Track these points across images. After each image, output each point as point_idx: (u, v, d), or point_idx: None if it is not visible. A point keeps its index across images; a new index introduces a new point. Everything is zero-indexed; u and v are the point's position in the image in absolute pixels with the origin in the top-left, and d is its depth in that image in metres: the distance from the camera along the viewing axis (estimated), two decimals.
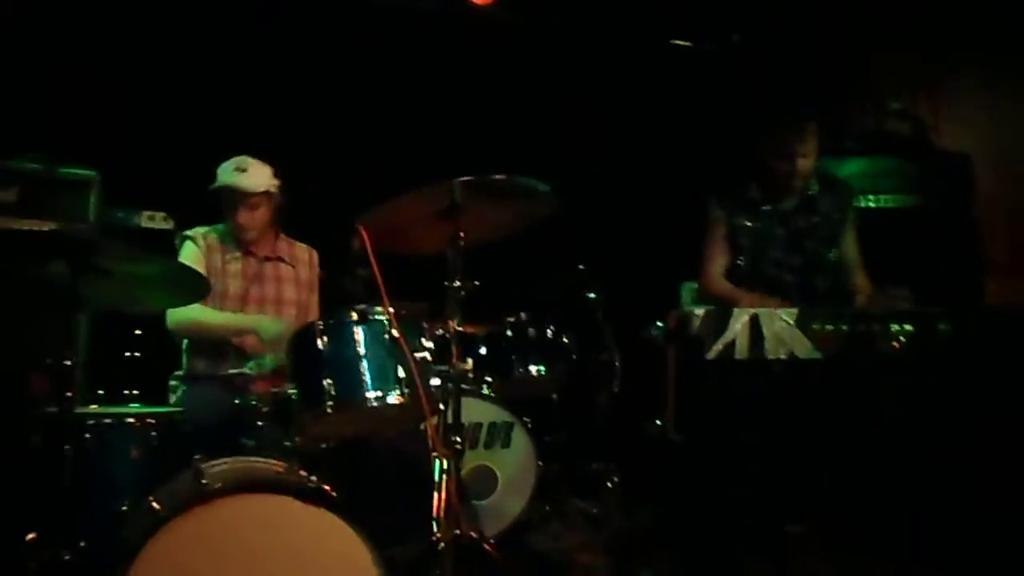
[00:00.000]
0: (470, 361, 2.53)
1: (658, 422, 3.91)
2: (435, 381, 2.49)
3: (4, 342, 2.75)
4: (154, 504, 2.13)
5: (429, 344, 2.52)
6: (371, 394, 2.36)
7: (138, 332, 3.65)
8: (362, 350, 2.39)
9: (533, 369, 3.62)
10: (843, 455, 2.93)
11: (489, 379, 3.59)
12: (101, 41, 4.04)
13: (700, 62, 5.05)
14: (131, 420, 2.48)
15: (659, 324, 3.89)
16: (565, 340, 3.74)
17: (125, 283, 2.35)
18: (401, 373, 2.39)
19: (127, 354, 3.62)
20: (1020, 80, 4.24)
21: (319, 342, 2.39)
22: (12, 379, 2.65)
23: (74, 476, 2.26)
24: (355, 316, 2.41)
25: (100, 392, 2.82)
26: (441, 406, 2.48)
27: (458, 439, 2.46)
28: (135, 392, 2.85)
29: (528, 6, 4.76)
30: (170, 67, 4.17)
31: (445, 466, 2.48)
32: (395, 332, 2.38)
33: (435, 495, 2.51)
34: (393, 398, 2.37)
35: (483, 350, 3.57)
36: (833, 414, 2.90)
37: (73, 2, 4.00)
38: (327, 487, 2.20)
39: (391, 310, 2.38)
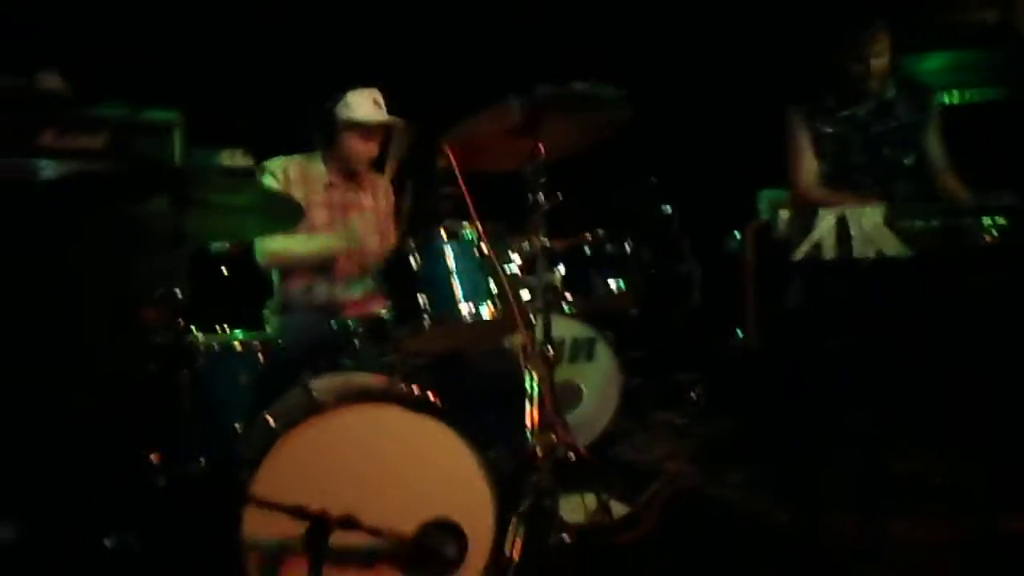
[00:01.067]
0: (557, 274, 2.57)
1: (739, 332, 3.93)
2: (524, 295, 2.55)
3: (116, 277, 2.89)
4: (268, 420, 2.25)
5: (516, 259, 2.57)
6: (464, 308, 2.42)
7: (223, 268, 3.75)
8: (454, 266, 2.45)
9: (612, 284, 3.62)
10: (934, 354, 2.91)
11: (569, 295, 3.63)
12: None
13: None
14: (237, 346, 2.61)
15: (737, 233, 3.87)
16: (643, 254, 3.75)
17: (223, 214, 2.45)
18: (492, 287, 2.44)
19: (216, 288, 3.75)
20: None
21: (411, 260, 2.45)
22: (127, 311, 2.79)
23: (190, 399, 2.40)
24: (444, 234, 2.47)
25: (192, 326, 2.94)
26: (532, 318, 2.53)
27: (550, 350, 2.52)
28: (225, 325, 2.96)
29: None
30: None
31: (538, 378, 2.54)
32: (485, 248, 2.43)
33: (527, 407, 2.59)
34: (486, 311, 2.43)
35: (562, 266, 3.59)
36: (924, 312, 2.88)
37: None
38: (432, 396, 2.29)
39: (479, 226, 2.42)
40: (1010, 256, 2.71)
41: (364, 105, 3.17)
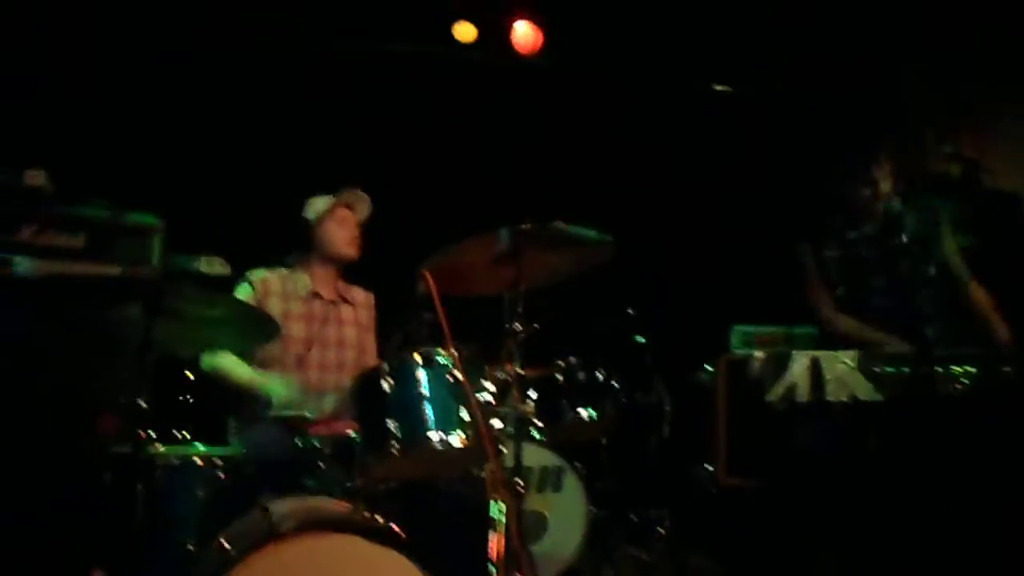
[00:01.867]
0: (530, 404, 2.54)
1: (709, 467, 3.88)
2: (496, 423, 2.51)
3: (79, 382, 2.81)
4: (224, 543, 2.16)
5: (490, 386, 2.54)
6: (435, 436, 2.38)
7: (188, 373, 3.70)
8: (426, 392, 2.42)
9: (584, 413, 3.60)
10: (905, 500, 2.89)
11: (540, 423, 3.59)
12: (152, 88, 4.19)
13: (741, 108, 5.09)
14: (197, 460, 2.53)
15: (709, 368, 3.88)
16: (615, 384, 3.73)
17: (195, 325, 2.42)
18: (464, 415, 2.41)
19: (179, 396, 3.67)
20: None
21: (384, 384, 2.42)
22: (85, 418, 2.71)
23: (143, 514, 2.30)
24: (419, 358, 2.45)
25: (156, 435, 2.87)
26: (502, 448, 2.49)
27: (520, 481, 2.47)
28: (185, 433, 2.89)
29: (573, 54, 4.87)
30: (222, 114, 4.30)
31: (505, 509, 2.48)
32: (459, 374, 2.41)
33: (492, 538, 2.51)
34: (456, 440, 2.39)
35: (534, 393, 3.57)
36: (895, 457, 2.87)
37: (128, 54, 4.15)
38: (395, 527, 2.21)
39: (455, 352, 2.41)
40: (979, 406, 2.72)
41: (324, 198, 3.31)
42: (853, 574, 2.88)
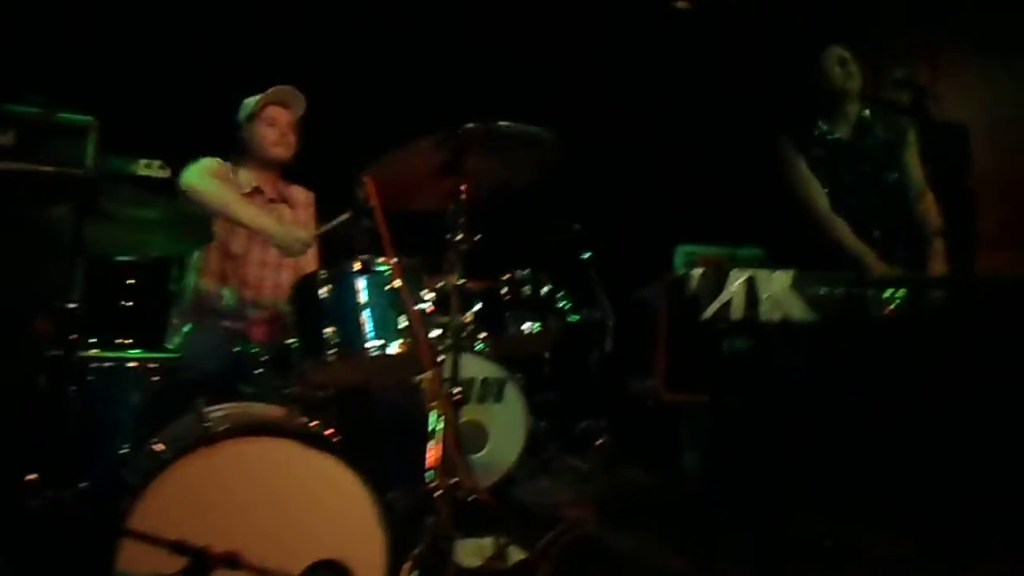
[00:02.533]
0: (470, 315, 2.55)
1: (648, 381, 3.97)
2: (435, 333, 2.52)
3: (8, 285, 2.75)
4: (157, 446, 2.16)
5: (429, 297, 2.54)
6: (372, 344, 2.38)
7: (131, 282, 3.64)
8: (364, 300, 2.41)
9: (527, 326, 3.64)
10: (832, 419, 2.98)
11: (483, 335, 3.62)
12: None
13: (698, 22, 5.02)
14: (132, 364, 2.51)
15: (652, 285, 3.93)
16: (559, 298, 3.77)
17: (128, 227, 2.37)
18: (402, 324, 2.41)
19: (121, 302, 3.62)
20: (1020, 53, 4.25)
21: (321, 291, 2.41)
22: (17, 321, 2.66)
23: (77, 418, 2.29)
24: (358, 266, 2.43)
25: (92, 339, 2.83)
26: (440, 358, 2.51)
27: (457, 390, 2.49)
28: (128, 340, 2.85)
29: None
30: (162, 9, 4.13)
31: (443, 417, 2.51)
32: (397, 283, 2.40)
33: (429, 445, 2.55)
34: (394, 348, 2.39)
35: (478, 306, 3.59)
36: (824, 377, 2.95)
37: None
38: (328, 431, 2.23)
39: (394, 261, 2.39)
40: (905, 330, 2.80)
41: (254, 97, 3.22)
42: (783, 490, 2.98)
